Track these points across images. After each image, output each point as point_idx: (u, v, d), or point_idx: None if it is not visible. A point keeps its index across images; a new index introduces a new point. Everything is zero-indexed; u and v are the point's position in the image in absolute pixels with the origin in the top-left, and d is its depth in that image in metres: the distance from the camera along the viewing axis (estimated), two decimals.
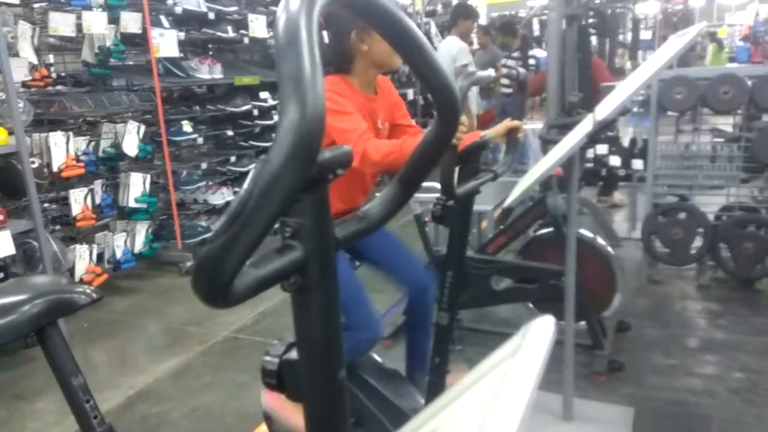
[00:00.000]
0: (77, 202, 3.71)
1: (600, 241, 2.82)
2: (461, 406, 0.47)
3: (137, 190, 4.08)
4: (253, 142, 5.18)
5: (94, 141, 4.00)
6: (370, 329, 1.81)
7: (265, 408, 2.00)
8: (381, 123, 1.91)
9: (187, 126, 4.43)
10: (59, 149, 3.59)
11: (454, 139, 1.47)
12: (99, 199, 3.93)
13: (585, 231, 2.81)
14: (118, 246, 4.01)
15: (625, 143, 3.71)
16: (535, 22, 9.06)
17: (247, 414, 2.50)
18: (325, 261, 0.71)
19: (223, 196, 4.78)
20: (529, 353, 0.45)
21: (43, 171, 3.59)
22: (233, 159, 4.96)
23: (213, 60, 4.70)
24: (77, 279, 3.75)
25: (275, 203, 0.55)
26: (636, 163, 3.65)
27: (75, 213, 3.69)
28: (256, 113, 5.13)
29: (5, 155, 3.25)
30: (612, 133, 3.78)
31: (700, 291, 3.58)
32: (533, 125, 3.83)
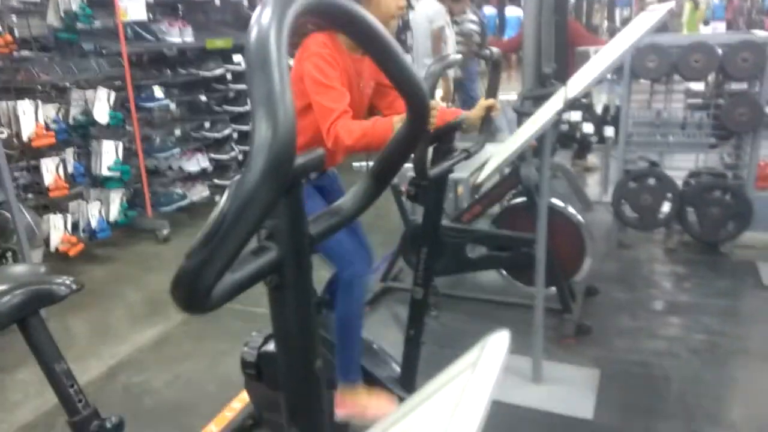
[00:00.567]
0: (49, 171, 3.65)
1: (571, 210, 2.90)
2: (421, 416, 0.51)
3: (110, 158, 4.03)
4: (228, 106, 5.11)
5: (63, 108, 3.92)
6: (354, 264, 1.77)
7: (342, 420, 1.86)
8: (365, 84, 1.88)
9: (159, 91, 4.35)
10: (28, 118, 3.51)
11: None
12: (71, 168, 3.88)
13: (556, 200, 2.87)
14: (92, 215, 3.98)
15: (599, 110, 3.75)
16: None
17: (229, 381, 2.55)
18: (301, 259, 0.74)
19: (198, 162, 4.74)
20: (486, 368, 0.50)
21: (13, 141, 3.52)
22: (207, 125, 4.90)
23: (183, 22, 4.59)
24: (53, 249, 3.73)
25: (250, 221, 0.58)
26: (608, 130, 3.70)
27: (47, 183, 3.65)
28: (229, 77, 5.04)
29: None
30: (585, 100, 3.81)
31: (667, 254, 3.71)
32: (507, 96, 3.84)
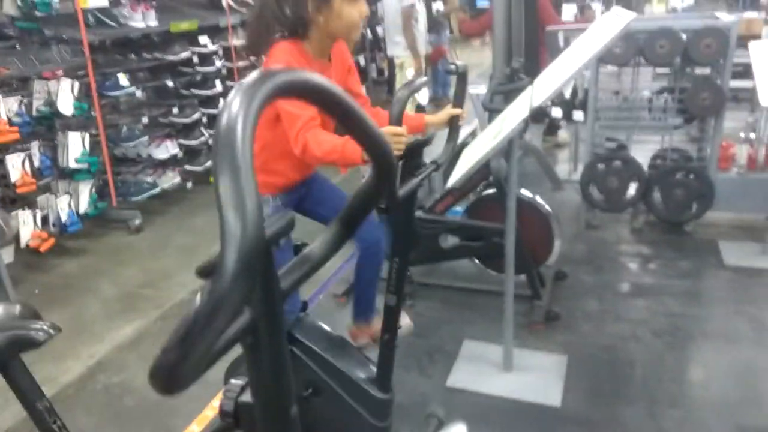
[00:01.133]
0: (15, 168, 3.58)
1: (539, 200, 2.97)
2: None
3: (77, 149, 3.95)
4: (195, 90, 5.03)
5: (26, 100, 3.81)
6: (368, 239, 2.07)
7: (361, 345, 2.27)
8: None
9: (124, 79, 4.26)
10: None
11: (394, 150, 1.51)
12: (38, 162, 3.80)
13: (525, 191, 2.94)
14: (62, 209, 3.92)
15: (567, 94, 3.80)
16: None
17: (209, 379, 2.58)
18: (274, 317, 0.78)
19: (168, 149, 4.67)
20: None
21: None
22: (175, 110, 4.82)
23: (146, 5, 4.46)
24: (23, 245, 3.68)
25: (226, 316, 0.61)
26: (577, 114, 3.76)
27: (14, 180, 3.57)
28: (196, 60, 4.95)
29: None
30: None
31: (633, 234, 3.82)
32: (477, 90, 3.86)
